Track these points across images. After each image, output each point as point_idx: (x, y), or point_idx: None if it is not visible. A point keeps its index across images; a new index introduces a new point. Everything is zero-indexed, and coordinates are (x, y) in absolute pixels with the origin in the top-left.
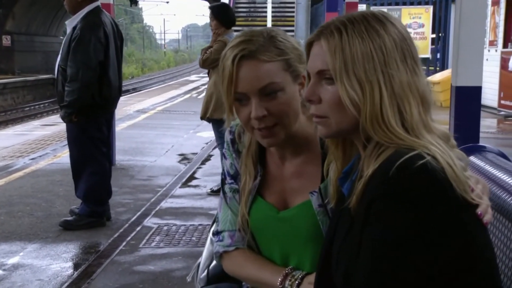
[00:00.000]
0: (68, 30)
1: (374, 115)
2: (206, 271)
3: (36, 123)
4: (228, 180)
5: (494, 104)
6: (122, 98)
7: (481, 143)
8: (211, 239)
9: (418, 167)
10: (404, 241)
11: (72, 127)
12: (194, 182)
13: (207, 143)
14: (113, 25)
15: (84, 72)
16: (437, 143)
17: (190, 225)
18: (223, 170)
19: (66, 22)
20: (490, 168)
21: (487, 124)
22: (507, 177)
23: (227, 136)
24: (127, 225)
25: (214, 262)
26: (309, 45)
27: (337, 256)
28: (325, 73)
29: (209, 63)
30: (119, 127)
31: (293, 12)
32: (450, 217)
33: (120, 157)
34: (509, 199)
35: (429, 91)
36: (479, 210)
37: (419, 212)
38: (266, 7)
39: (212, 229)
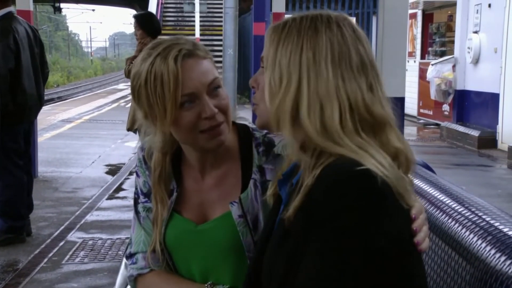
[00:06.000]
0: None
1: (286, 109)
2: None
3: None
4: (142, 199)
5: (414, 112)
6: (45, 107)
7: None
8: (125, 264)
9: (362, 174)
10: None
11: None
12: (121, 194)
13: (135, 153)
14: (28, 32)
15: None
16: (364, 150)
17: (117, 238)
18: (136, 189)
19: None
20: (417, 181)
21: (408, 132)
22: (432, 190)
23: (139, 153)
24: (49, 240)
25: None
26: None
27: (270, 268)
28: (263, 60)
29: None
30: (42, 137)
31: (221, 21)
32: (394, 223)
33: (43, 169)
34: (436, 213)
35: (361, 101)
36: (416, 239)
37: (364, 217)
38: (194, 16)
39: (126, 252)
